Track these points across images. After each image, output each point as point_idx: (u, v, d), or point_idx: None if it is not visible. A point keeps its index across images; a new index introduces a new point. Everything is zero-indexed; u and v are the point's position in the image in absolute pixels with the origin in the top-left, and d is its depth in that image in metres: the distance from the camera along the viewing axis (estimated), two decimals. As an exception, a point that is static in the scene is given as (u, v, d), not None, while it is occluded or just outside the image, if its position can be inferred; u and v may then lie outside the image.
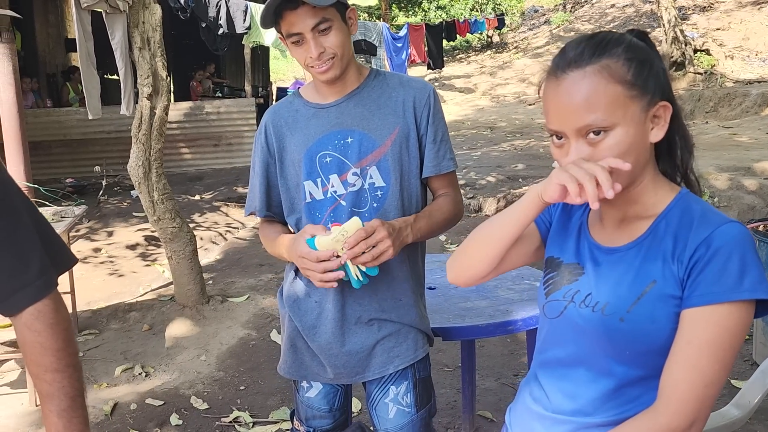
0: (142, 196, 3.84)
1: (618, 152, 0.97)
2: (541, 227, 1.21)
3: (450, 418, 2.85)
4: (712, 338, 0.94)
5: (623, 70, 0.98)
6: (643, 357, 1.01)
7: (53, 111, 9.25)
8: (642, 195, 1.06)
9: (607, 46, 0.99)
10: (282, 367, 1.65)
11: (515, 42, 20.89)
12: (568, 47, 1.02)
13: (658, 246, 1.02)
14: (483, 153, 9.34)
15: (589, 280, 1.07)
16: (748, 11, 16.22)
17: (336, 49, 1.43)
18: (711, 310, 0.95)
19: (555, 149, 1.04)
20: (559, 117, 1.00)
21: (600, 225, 1.12)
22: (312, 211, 1.53)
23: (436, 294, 2.11)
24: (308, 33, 1.41)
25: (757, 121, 9.76)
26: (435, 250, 5.19)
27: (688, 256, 0.98)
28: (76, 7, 4.21)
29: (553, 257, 1.15)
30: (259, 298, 4.34)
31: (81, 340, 3.78)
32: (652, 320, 0.99)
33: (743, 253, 0.95)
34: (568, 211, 1.18)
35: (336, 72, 1.46)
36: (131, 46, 3.79)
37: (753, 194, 5.56)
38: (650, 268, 1.01)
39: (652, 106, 1.00)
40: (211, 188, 8.25)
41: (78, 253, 5.53)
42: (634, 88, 0.98)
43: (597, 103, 0.96)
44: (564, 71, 0.99)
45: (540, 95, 1.06)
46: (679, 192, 1.07)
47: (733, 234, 0.97)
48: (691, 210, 1.03)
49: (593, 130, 0.97)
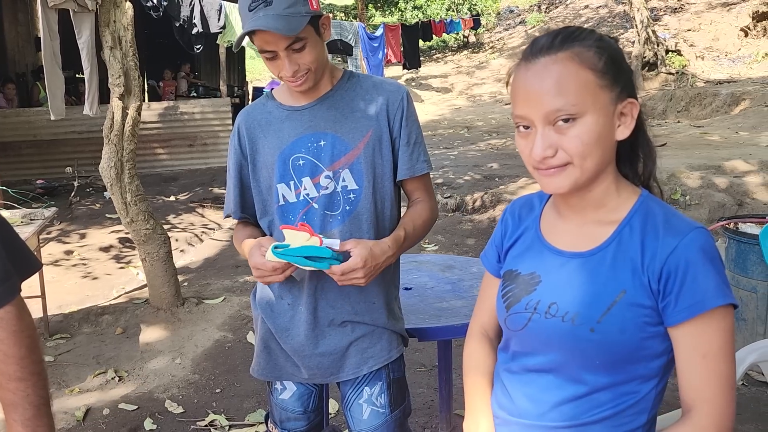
0: (114, 197, 3.78)
1: (586, 141, 0.95)
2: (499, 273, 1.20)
3: (427, 418, 2.85)
4: (722, 343, 0.97)
5: (595, 58, 0.97)
6: (612, 365, 1.01)
7: (22, 111, 9.06)
8: (605, 197, 1.05)
9: (580, 36, 0.99)
10: (255, 369, 1.63)
11: (491, 42, 21.02)
12: (540, 36, 1.02)
13: (625, 253, 1.01)
14: (460, 152, 9.38)
15: (548, 288, 1.06)
16: (717, 12, 16.54)
17: (310, 65, 1.42)
18: (709, 318, 0.96)
19: (520, 140, 1.01)
20: (528, 102, 0.97)
21: (558, 230, 1.10)
22: (285, 214, 1.52)
23: (412, 294, 2.11)
24: (282, 52, 1.39)
25: (726, 121, 9.95)
26: (413, 250, 5.19)
27: (659, 266, 0.98)
28: (42, 6, 4.12)
29: (510, 270, 1.14)
30: (235, 299, 4.30)
31: (52, 345, 3.71)
32: (622, 330, 0.99)
33: (714, 260, 0.98)
34: (518, 225, 1.17)
35: (310, 84, 1.46)
36: (101, 46, 3.72)
37: (723, 192, 5.67)
38: (619, 277, 1.00)
39: (621, 101, 0.99)
40: (186, 189, 8.15)
41: (49, 256, 5.43)
42: (605, 77, 0.97)
43: (567, 87, 0.95)
44: (535, 56, 0.98)
45: (508, 87, 1.04)
46: (640, 195, 1.06)
47: (702, 242, 0.98)
48: (654, 215, 1.03)
49: (562, 117, 0.95)
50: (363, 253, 1.36)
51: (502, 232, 1.19)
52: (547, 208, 1.15)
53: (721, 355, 0.97)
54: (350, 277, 1.37)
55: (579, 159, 0.97)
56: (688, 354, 0.98)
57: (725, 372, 0.97)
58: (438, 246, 5.43)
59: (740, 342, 3.08)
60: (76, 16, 4.37)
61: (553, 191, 1.02)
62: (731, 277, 3.14)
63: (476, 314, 1.27)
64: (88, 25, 4.49)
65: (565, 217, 1.10)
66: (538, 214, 1.15)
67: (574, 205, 1.07)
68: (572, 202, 1.07)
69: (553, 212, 1.13)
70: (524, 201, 1.20)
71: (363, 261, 1.36)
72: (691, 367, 0.98)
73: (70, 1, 4.05)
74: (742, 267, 3.05)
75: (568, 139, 0.96)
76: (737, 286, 3.10)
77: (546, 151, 0.97)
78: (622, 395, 1.01)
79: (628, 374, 1.01)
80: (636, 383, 1.01)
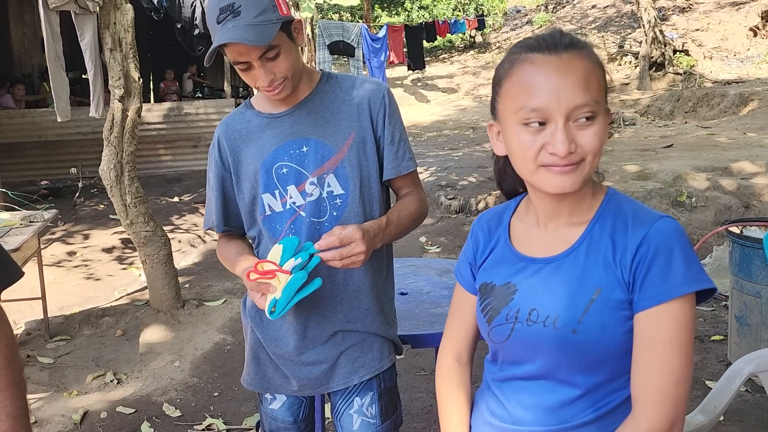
0: (114, 199, 3.78)
1: (601, 140, 0.96)
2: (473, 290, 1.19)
3: (425, 423, 2.83)
4: (673, 335, 0.95)
5: (601, 62, 1.00)
6: (598, 364, 1.00)
7: (28, 112, 9.09)
8: (582, 199, 1.05)
9: (582, 39, 1.02)
10: (245, 379, 1.61)
11: (498, 42, 20.95)
12: (552, 33, 1.00)
13: (597, 251, 1.01)
14: (465, 153, 9.34)
15: (525, 295, 1.05)
16: (726, 12, 16.42)
17: (286, 72, 1.39)
18: (665, 307, 0.95)
19: (526, 135, 0.97)
20: (550, 96, 0.94)
21: (529, 238, 1.10)
22: (271, 224, 1.49)
23: (408, 299, 2.09)
24: (256, 62, 1.36)
25: (734, 122, 9.86)
26: (415, 252, 5.17)
27: (629, 258, 0.98)
28: (44, 8, 4.13)
29: (485, 283, 1.12)
30: (235, 302, 4.29)
31: (52, 347, 3.71)
32: (603, 327, 0.98)
33: (682, 247, 0.97)
34: (488, 239, 1.15)
35: (288, 92, 1.42)
36: (102, 48, 3.71)
37: (730, 194, 5.61)
38: (593, 275, 1.00)
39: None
40: (189, 190, 8.16)
41: (52, 257, 5.44)
42: (606, 82, 1.00)
43: (593, 84, 0.96)
44: (557, 51, 0.96)
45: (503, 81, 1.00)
46: (606, 192, 1.07)
47: (669, 230, 0.98)
48: (623, 210, 1.03)
49: (585, 114, 0.95)
50: (355, 227, 1.32)
51: (474, 248, 1.18)
52: (515, 218, 1.14)
53: (671, 346, 0.95)
54: (352, 252, 1.29)
55: (592, 156, 0.97)
56: (639, 342, 0.97)
57: (674, 365, 0.95)
58: (441, 248, 5.40)
59: (744, 348, 3.04)
60: (77, 18, 4.38)
61: (566, 189, 0.98)
62: (735, 281, 3.10)
63: (447, 335, 1.24)
64: (91, 26, 4.49)
65: (538, 224, 1.09)
66: (506, 224, 1.14)
67: (551, 209, 1.06)
68: (551, 206, 1.06)
69: (523, 220, 1.13)
70: (492, 214, 1.19)
71: (360, 231, 1.31)
72: (639, 356, 0.97)
73: (71, 2, 4.05)
74: (747, 271, 3.01)
75: (587, 136, 0.95)
76: (741, 291, 3.06)
77: (570, 146, 0.95)
78: (613, 392, 1.01)
79: (615, 371, 1.00)
80: (625, 380, 1.01)
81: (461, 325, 1.20)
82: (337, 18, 21.95)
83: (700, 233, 5.03)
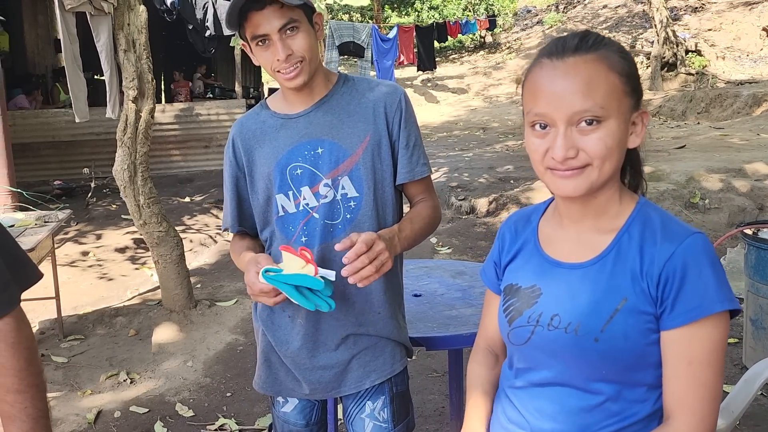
0: (127, 200, 3.80)
1: (607, 145, 0.95)
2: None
3: (438, 425, 2.82)
4: (709, 352, 0.96)
5: (621, 63, 0.98)
6: (618, 374, 1.00)
7: (41, 112, 9.17)
8: (608, 204, 1.05)
9: (603, 41, 1.00)
10: (257, 382, 1.61)
11: (508, 42, 20.89)
12: (564, 37, 1.01)
13: (624, 261, 1.01)
14: (475, 154, 9.32)
15: (550, 299, 1.05)
16: (739, 12, 16.28)
17: (304, 52, 1.38)
18: (700, 325, 0.96)
19: (534, 139, 0.99)
20: (552, 101, 0.96)
21: (557, 241, 1.09)
22: (285, 225, 1.48)
23: (422, 301, 2.08)
24: (275, 34, 1.35)
25: (748, 122, 9.78)
26: (426, 253, 5.16)
27: (657, 273, 0.98)
28: (60, 9, 4.16)
29: (510, 284, 1.12)
30: (247, 302, 4.30)
31: (66, 346, 3.73)
32: (626, 338, 0.98)
33: (714, 265, 0.97)
34: (515, 240, 1.16)
35: (304, 77, 1.40)
36: (116, 49, 3.74)
37: (743, 196, 5.56)
38: (620, 285, 1.00)
39: (636, 110, 1.00)
40: (201, 190, 8.20)
41: (65, 257, 5.48)
42: (629, 83, 0.98)
43: (596, 89, 0.95)
44: (563, 55, 0.97)
45: (519, 88, 1.04)
46: (638, 201, 1.06)
47: (699, 247, 0.98)
48: (652, 221, 1.03)
49: (587, 119, 0.95)
50: (372, 233, 1.31)
51: (500, 248, 1.18)
52: (544, 221, 1.14)
53: (707, 364, 0.96)
54: (376, 251, 1.27)
55: (600, 161, 0.97)
56: (675, 360, 0.98)
57: (710, 381, 0.96)
58: (452, 249, 5.39)
59: (760, 351, 3.01)
60: (93, 20, 4.41)
61: (570, 193, 1.00)
62: (751, 284, 3.07)
63: (481, 331, 1.26)
64: (106, 28, 4.52)
65: (564, 227, 1.09)
66: (535, 226, 1.14)
67: (574, 213, 1.06)
68: (574, 209, 1.06)
69: (550, 223, 1.13)
70: (520, 215, 1.20)
71: (376, 234, 1.31)
72: (675, 373, 0.98)
73: (86, 4, 4.08)
74: (762, 274, 2.98)
75: (592, 141, 0.95)
76: (757, 294, 3.03)
77: (568, 151, 0.96)
78: (632, 403, 1.01)
79: (635, 382, 1.00)
80: (643, 391, 1.01)
81: (492, 326, 1.21)
82: (347, 18, 21.97)
83: (714, 235, 4.99)
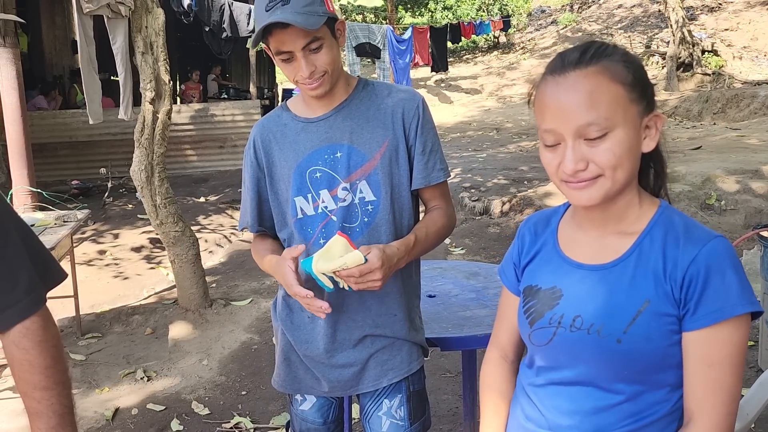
0: (144, 200, 3.85)
1: (617, 155, 0.97)
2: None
3: (451, 425, 2.84)
4: (729, 355, 0.97)
5: (624, 72, 0.99)
6: (640, 374, 1.01)
7: (59, 113, 9.30)
8: (628, 208, 1.06)
9: (606, 51, 1.01)
10: (276, 381, 1.63)
11: (522, 42, 20.82)
12: (566, 52, 1.03)
13: (647, 263, 1.02)
14: (489, 155, 9.31)
15: (571, 301, 1.06)
16: (756, 11, 16.10)
17: (327, 66, 1.41)
18: (721, 327, 0.97)
19: (547, 153, 1.02)
20: (558, 116, 0.98)
21: (577, 243, 1.10)
22: (303, 227, 1.51)
23: (436, 302, 2.09)
24: (299, 52, 1.38)
25: (765, 123, 9.68)
26: (439, 254, 5.17)
27: (680, 275, 0.99)
28: (78, 12, 4.22)
29: (530, 286, 1.13)
30: (262, 301, 4.34)
31: (84, 344, 3.79)
32: (648, 339, 0.99)
33: (736, 268, 0.98)
34: (534, 241, 1.17)
35: (326, 88, 1.44)
36: (134, 51, 3.79)
37: (760, 197, 5.51)
38: (642, 287, 1.01)
39: (647, 114, 1.02)
40: (216, 190, 8.26)
41: (83, 256, 5.55)
42: (635, 90, 0.99)
43: (599, 100, 0.97)
44: (564, 71, 0.99)
45: (531, 103, 1.05)
46: (659, 205, 1.07)
47: (722, 250, 0.99)
48: (675, 225, 1.04)
49: (593, 131, 0.97)
50: (378, 254, 1.34)
51: (519, 249, 1.19)
52: (564, 222, 1.15)
53: (728, 366, 0.97)
54: (367, 279, 1.33)
55: (611, 171, 0.98)
56: (695, 361, 0.99)
57: (729, 383, 0.97)
58: (465, 250, 5.40)
59: (776, 354, 2.99)
60: (110, 23, 4.47)
61: (585, 203, 1.02)
62: (767, 286, 3.05)
63: (495, 334, 1.26)
64: (122, 30, 4.58)
65: (585, 230, 1.10)
66: (554, 228, 1.15)
67: (595, 218, 1.08)
68: (594, 215, 1.07)
69: (571, 226, 1.13)
70: (539, 217, 1.21)
71: (380, 261, 1.33)
72: (696, 375, 0.99)
73: (104, 7, 4.13)
74: (779, 277, 2.96)
75: (600, 152, 0.97)
76: (773, 297, 3.01)
77: (578, 164, 0.98)
78: (653, 404, 1.02)
79: (656, 383, 1.01)
80: (666, 392, 1.02)
81: (508, 326, 1.22)
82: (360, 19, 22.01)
83: (730, 237, 4.95)
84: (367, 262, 1.33)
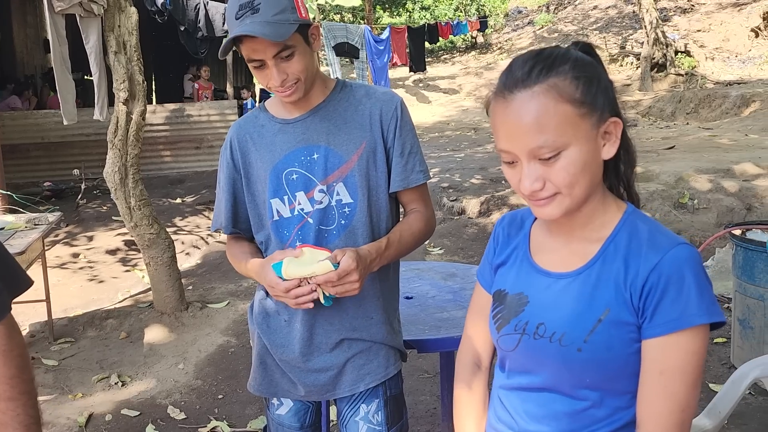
0: (118, 202, 3.79)
1: (571, 173, 0.96)
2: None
3: (430, 426, 2.84)
4: (683, 364, 0.96)
5: (571, 88, 0.95)
6: (603, 382, 1.01)
7: (31, 113, 9.13)
8: (592, 215, 1.05)
9: (554, 64, 0.97)
10: (252, 385, 1.62)
11: (499, 43, 20.94)
12: (515, 65, 1.00)
13: (609, 271, 1.01)
14: (467, 155, 9.34)
15: (536, 308, 1.06)
16: (728, 13, 16.41)
17: (299, 74, 1.39)
18: (677, 337, 0.96)
19: (506, 168, 1.01)
20: (509, 138, 0.97)
21: (546, 250, 1.10)
22: (279, 229, 1.49)
23: (413, 304, 2.09)
24: (270, 60, 1.36)
25: (736, 123, 9.87)
26: (418, 254, 5.17)
27: (640, 283, 0.98)
28: (49, 11, 4.14)
29: (499, 290, 1.13)
30: (239, 304, 4.30)
31: (56, 349, 3.72)
32: (609, 348, 0.99)
33: (696, 276, 0.96)
34: (507, 243, 1.16)
35: (299, 95, 1.42)
36: (106, 51, 3.72)
37: (732, 196, 5.61)
38: (603, 295, 1.00)
39: (603, 123, 0.99)
40: (192, 191, 8.17)
41: (56, 259, 5.45)
42: (584, 105, 0.96)
43: (547, 124, 0.94)
44: (511, 91, 0.97)
45: (488, 114, 1.04)
46: (625, 211, 1.06)
47: (683, 258, 0.97)
48: (639, 232, 1.02)
49: (546, 152, 0.95)
50: (352, 255, 1.33)
51: (494, 249, 1.19)
52: (536, 226, 1.15)
53: (679, 374, 0.96)
54: (345, 281, 1.32)
55: (567, 189, 0.97)
56: (648, 368, 0.98)
57: (680, 392, 0.96)
58: (443, 250, 5.41)
59: (747, 351, 3.04)
60: (82, 21, 4.39)
61: (546, 218, 1.03)
62: (738, 284, 3.11)
63: (466, 338, 1.25)
64: (95, 30, 4.50)
65: (554, 236, 1.10)
66: (527, 231, 1.15)
67: (562, 224, 1.07)
68: (561, 221, 1.07)
69: (542, 230, 1.13)
70: (513, 217, 1.20)
71: (355, 262, 1.32)
72: (647, 382, 0.98)
73: (76, 6, 4.06)
74: (750, 275, 3.01)
75: (554, 172, 0.96)
76: (744, 294, 3.07)
77: (534, 184, 0.97)
78: (617, 411, 1.02)
79: (619, 390, 1.01)
80: (629, 398, 1.02)
81: (482, 329, 1.20)
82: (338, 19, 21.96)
83: (702, 235, 5.04)
84: (342, 264, 1.32)
